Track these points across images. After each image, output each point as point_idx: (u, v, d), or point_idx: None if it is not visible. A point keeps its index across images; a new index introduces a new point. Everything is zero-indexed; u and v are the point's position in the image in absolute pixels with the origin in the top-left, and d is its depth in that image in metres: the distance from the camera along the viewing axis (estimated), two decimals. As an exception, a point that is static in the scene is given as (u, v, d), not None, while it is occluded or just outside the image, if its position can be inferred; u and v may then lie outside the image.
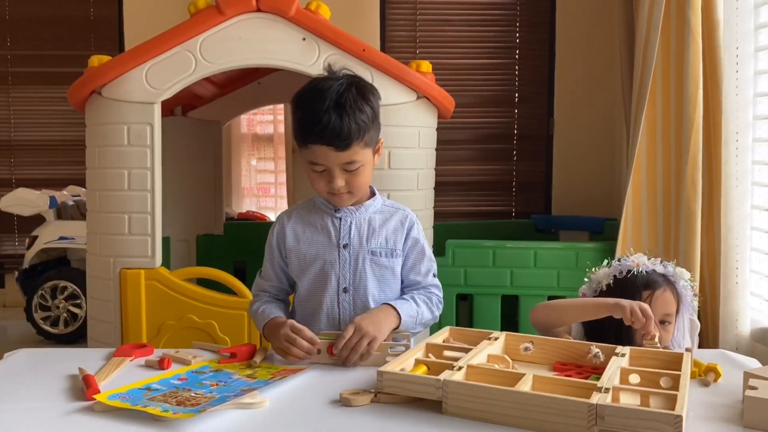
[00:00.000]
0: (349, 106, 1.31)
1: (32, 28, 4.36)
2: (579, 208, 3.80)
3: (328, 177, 1.36)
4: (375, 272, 1.44)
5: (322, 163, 1.35)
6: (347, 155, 1.33)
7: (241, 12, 2.20)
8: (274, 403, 1.08)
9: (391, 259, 1.45)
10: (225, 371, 1.25)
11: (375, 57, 2.27)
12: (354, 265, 1.43)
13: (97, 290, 2.30)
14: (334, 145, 1.31)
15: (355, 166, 1.35)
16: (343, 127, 1.30)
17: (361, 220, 1.45)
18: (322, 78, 1.37)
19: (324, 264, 1.44)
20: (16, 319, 3.99)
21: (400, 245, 1.46)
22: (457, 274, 2.56)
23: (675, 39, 2.33)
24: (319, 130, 1.30)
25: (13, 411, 1.05)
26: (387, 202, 1.52)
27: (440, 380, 1.03)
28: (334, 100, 1.30)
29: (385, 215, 1.48)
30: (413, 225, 1.48)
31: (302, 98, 1.36)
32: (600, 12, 3.77)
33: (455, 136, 3.93)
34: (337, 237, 1.44)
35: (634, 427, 0.91)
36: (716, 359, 1.26)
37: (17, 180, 4.43)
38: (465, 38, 4.00)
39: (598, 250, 2.62)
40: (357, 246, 1.43)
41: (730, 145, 2.30)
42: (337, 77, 1.36)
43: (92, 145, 2.31)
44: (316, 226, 1.46)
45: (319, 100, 1.31)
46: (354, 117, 1.31)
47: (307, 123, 1.32)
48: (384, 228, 1.46)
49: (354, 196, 1.42)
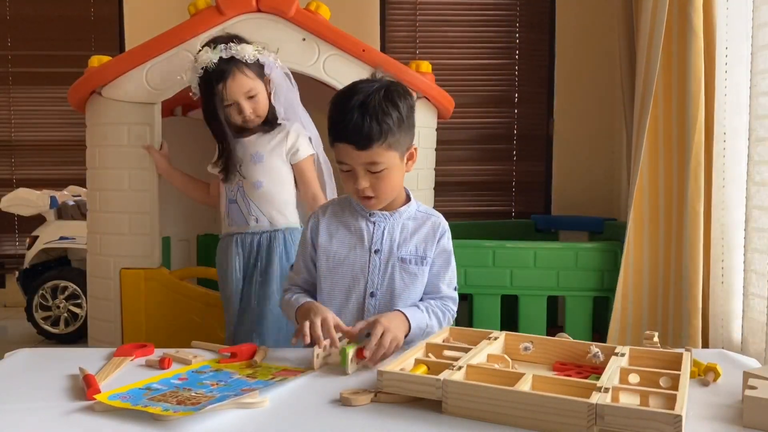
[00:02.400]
0: (373, 107, 1.32)
1: (32, 28, 4.36)
2: (579, 208, 3.81)
3: (353, 177, 1.38)
4: (404, 279, 1.44)
5: (346, 162, 1.37)
6: (368, 155, 1.34)
7: (241, 12, 2.20)
8: (274, 403, 1.08)
9: (421, 267, 1.45)
10: (225, 371, 1.25)
11: (375, 57, 2.27)
12: (383, 270, 1.44)
13: (98, 290, 2.30)
14: (354, 143, 1.33)
15: (378, 168, 1.36)
16: (364, 126, 1.31)
17: (394, 225, 1.46)
18: (361, 80, 1.40)
19: (354, 267, 1.44)
20: (17, 319, 3.99)
21: (430, 252, 1.46)
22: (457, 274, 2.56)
23: (677, 38, 2.33)
24: (342, 128, 1.33)
25: (13, 411, 1.05)
26: (421, 207, 1.52)
27: (440, 380, 1.03)
28: (360, 101, 1.33)
29: (418, 222, 1.48)
30: (445, 233, 1.49)
31: (335, 97, 1.39)
32: (600, 12, 3.77)
33: (455, 136, 3.94)
34: (369, 241, 1.44)
35: (634, 426, 0.91)
36: (716, 359, 1.26)
37: (18, 180, 4.44)
38: (465, 38, 4.01)
39: (598, 250, 2.62)
40: (388, 252, 1.44)
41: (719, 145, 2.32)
42: (376, 80, 1.39)
43: (92, 145, 2.31)
44: (350, 227, 1.46)
45: (349, 100, 1.33)
46: (377, 118, 1.32)
47: (333, 121, 1.36)
48: (416, 235, 1.46)
49: (381, 202, 1.42)
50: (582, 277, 2.59)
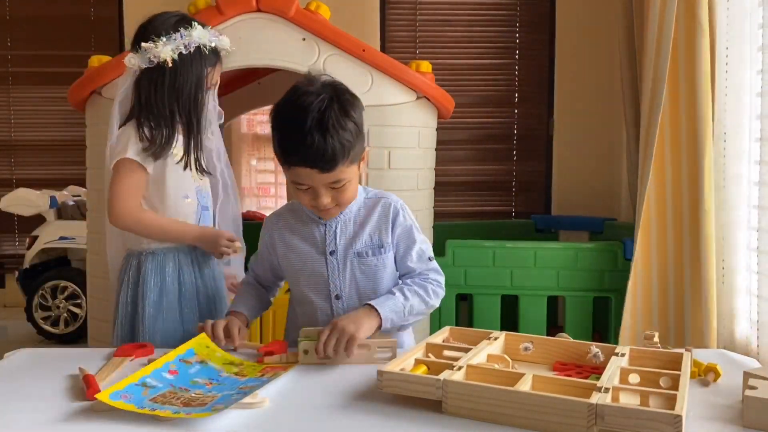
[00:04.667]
0: (332, 125, 1.23)
1: (32, 28, 4.36)
2: (579, 208, 3.81)
3: (313, 194, 1.31)
4: (365, 273, 1.41)
5: (306, 183, 1.30)
6: (333, 176, 1.28)
7: (241, 12, 2.21)
8: (274, 402, 1.08)
9: (380, 257, 1.41)
10: (210, 365, 1.25)
11: (375, 57, 2.27)
12: (342, 270, 1.41)
13: (98, 290, 2.30)
14: (319, 168, 1.25)
15: (341, 184, 1.31)
16: (327, 149, 1.23)
17: (346, 221, 1.42)
18: (301, 92, 1.27)
19: (314, 272, 1.42)
20: (17, 319, 3.99)
21: (387, 237, 1.41)
22: (457, 274, 2.57)
23: (685, 37, 2.32)
24: (303, 153, 1.24)
25: (13, 411, 1.05)
26: (370, 193, 1.46)
27: (440, 380, 1.03)
28: (317, 120, 1.23)
29: (368, 209, 1.43)
30: (398, 212, 1.43)
31: (282, 116, 1.29)
32: (600, 12, 3.77)
33: (455, 136, 3.94)
34: (323, 244, 1.41)
35: (634, 426, 0.91)
36: (716, 359, 1.26)
37: (17, 180, 4.44)
38: (465, 38, 4.01)
39: (598, 250, 2.62)
40: (343, 251, 1.41)
41: (719, 144, 2.31)
42: (317, 90, 1.27)
43: (92, 145, 2.31)
44: (302, 234, 1.44)
45: (301, 120, 1.23)
46: (338, 137, 1.24)
47: (290, 144, 1.26)
48: (367, 224, 1.41)
49: (342, 209, 1.39)
50: (582, 277, 2.60)
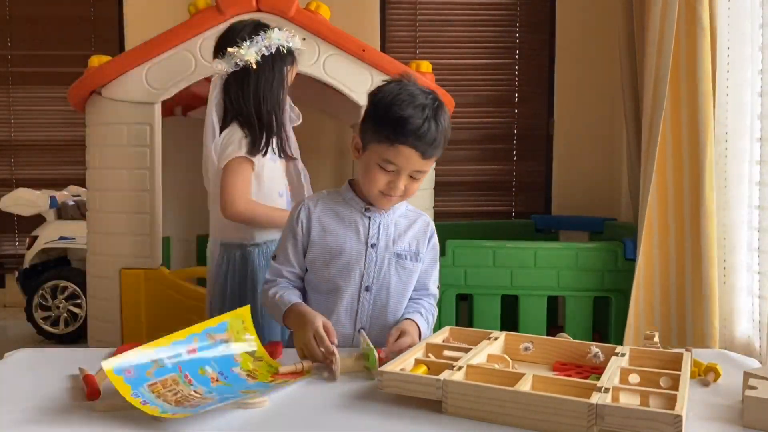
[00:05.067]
0: (441, 119, 1.34)
1: (32, 28, 4.36)
2: (579, 208, 3.80)
3: (393, 178, 1.37)
4: (399, 274, 1.45)
5: (398, 165, 1.35)
6: (425, 164, 1.36)
7: (241, 12, 2.21)
8: (274, 403, 1.08)
9: (415, 263, 1.47)
10: (230, 352, 1.22)
11: (375, 57, 2.27)
12: (379, 265, 1.44)
13: (98, 290, 2.30)
14: (422, 151, 1.33)
15: (420, 175, 1.39)
16: (437, 138, 1.34)
17: (388, 222, 1.46)
18: (409, 87, 1.36)
19: (350, 260, 1.43)
20: (16, 319, 4.00)
21: (422, 250, 1.48)
22: (457, 274, 2.56)
23: (686, 37, 2.32)
24: (417, 135, 1.31)
25: (13, 411, 1.05)
26: (410, 207, 1.53)
27: (440, 380, 1.03)
28: (433, 110, 1.33)
29: (410, 220, 1.50)
30: (434, 233, 1.52)
31: (397, 98, 1.34)
32: (600, 12, 3.77)
33: (455, 136, 3.88)
34: (365, 235, 1.44)
35: (634, 426, 0.91)
36: (716, 359, 1.26)
37: (17, 180, 4.44)
38: (465, 38, 4.00)
39: (598, 250, 2.62)
40: (384, 247, 1.45)
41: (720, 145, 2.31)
42: (423, 90, 1.36)
43: (92, 145, 2.31)
44: (345, 220, 1.45)
45: (418, 106, 1.32)
46: (444, 133, 1.35)
47: (409, 124, 1.31)
48: (409, 232, 1.48)
49: (402, 199, 1.44)
50: (582, 277, 2.59)
